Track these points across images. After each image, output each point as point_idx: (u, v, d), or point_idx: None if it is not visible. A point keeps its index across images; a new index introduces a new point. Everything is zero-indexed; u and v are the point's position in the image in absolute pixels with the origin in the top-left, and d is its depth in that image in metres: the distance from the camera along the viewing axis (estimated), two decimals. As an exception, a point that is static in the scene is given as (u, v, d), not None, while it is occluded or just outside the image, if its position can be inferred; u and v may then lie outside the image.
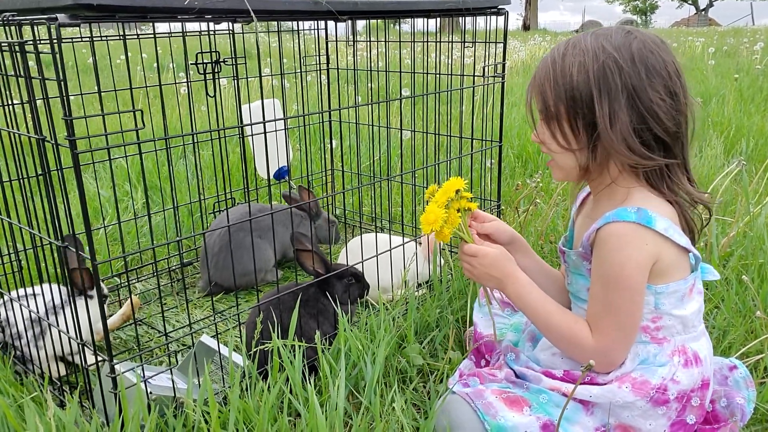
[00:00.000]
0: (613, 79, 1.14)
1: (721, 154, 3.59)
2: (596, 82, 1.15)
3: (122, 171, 3.16)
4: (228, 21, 1.43)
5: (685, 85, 1.20)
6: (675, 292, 1.24)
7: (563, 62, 1.19)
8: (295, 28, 2.63)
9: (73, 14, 1.06)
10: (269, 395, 1.30)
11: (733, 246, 2.23)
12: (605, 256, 1.20)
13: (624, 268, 1.17)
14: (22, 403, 1.32)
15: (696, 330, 1.28)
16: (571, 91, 1.17)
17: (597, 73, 1.15)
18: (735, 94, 5.26)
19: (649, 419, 1.23)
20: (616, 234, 1.18)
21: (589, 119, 1.17)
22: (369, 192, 2.95)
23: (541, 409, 1.27)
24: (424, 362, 1.66)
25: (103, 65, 7.32)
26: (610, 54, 1.15)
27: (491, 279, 1.35)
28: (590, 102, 1.16)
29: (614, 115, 1.15)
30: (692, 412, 1.25)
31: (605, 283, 1.21)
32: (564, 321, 1.28)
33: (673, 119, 1.17)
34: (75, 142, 1.12)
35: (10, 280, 1.76)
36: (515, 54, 9.98)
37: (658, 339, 1.26)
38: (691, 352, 1.26)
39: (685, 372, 1.23)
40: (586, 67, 1.15)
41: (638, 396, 1.21)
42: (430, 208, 1.30)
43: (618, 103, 1.14)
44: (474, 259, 1.35)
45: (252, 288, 2.23)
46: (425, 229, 1.30)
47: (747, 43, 10.30)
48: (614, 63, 1.14)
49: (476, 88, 2.19)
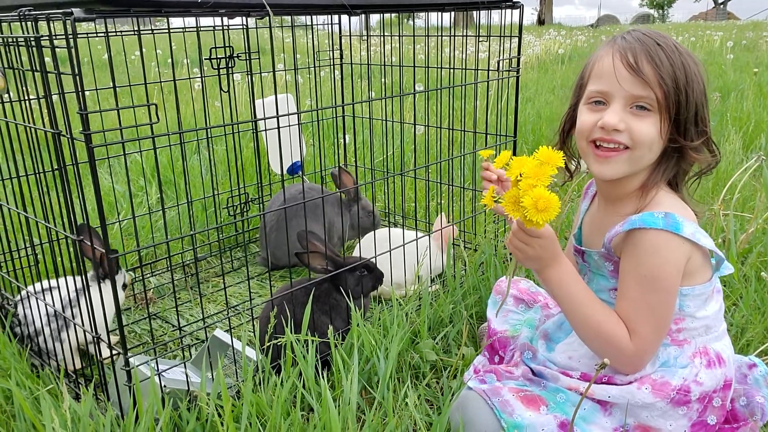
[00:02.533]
0: (697, 82, 1.18)
1: (740, 149, 3.54)
2: (697, 87, 1.18)
3: (137, 166, 3.18)
4: (242, 15, 1.43)
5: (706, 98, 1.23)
6: (700, 295, 1.22)
7: (682, 61, 1.18)
8: (308, 23, 2.63)
9: (88, 9, 1.07)
10: (282, 390, 1.30)
11: (751, 242, 2.19)
12: (643, 260, 1.17)
13: (662, 269, 1.15)
14: (38, 395, 1.33)
15: (717, 330, 1.27)
16: (692, 94, 1.18)
17: (703, 79, 1.20)
18: (754, 89, 5.18)
19: (669, 419, 1.22)
20: (649, 241, 1.16)
21: (689, 117, 1.18)
22: (382, 187, 2.95)
23: (558, 408, 1.26)
24: (437, 358, 1.65)
25: (117, 61, 7.37)
26: (700, 65, 1.20)
27: (539, 261, 1.24)
28: (701, 104, 1.19)
29: (706, 118, 1.21)
30: (713, 412, 1.23)
31: (643, 285, 1.17)
32: (606, 320, 1.21)
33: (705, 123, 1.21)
34: (90, 137, 1.12)
35: (27, 274, 1.77)
36: (530, 49, 9.91)
37: (679, 341, 1.24)
38: (714, 353, 1.24)
39: (708, 373, 1.22)
40: (698, 74, 1.19)
41: (658, 397, 1.20)
42: (536, 191, 1.06)
43: (707, 109, 1.21)
44: (536, 240, 1.22)
45: (303, 267, 2.27)
46: (534, 216, 1.07)
47: (767, 37, 10.14)
48: (702, 75, 1.20)
49: (491, 83, 2.17)
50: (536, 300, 1.66)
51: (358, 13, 1.58)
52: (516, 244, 1.25)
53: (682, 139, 1.19)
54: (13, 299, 1.68)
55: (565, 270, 1.25)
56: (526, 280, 1.73)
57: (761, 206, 2.35)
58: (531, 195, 1.06)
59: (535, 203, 1.06)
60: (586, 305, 1.23)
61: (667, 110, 1.16)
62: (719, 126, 4.07)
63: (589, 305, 1.23)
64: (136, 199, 2.81)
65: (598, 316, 1.21)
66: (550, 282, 1.26)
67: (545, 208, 1.06)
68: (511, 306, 1.68)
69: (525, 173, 1.08)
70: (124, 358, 1.29)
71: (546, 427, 1.23)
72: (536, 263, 1.25)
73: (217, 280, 2.31)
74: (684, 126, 1.18)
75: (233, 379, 1.50)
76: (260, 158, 2.45)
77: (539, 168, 1.08)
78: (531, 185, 1.07)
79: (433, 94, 2.62)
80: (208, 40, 2.10)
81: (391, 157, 3.23)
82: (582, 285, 1.26)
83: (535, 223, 1.08)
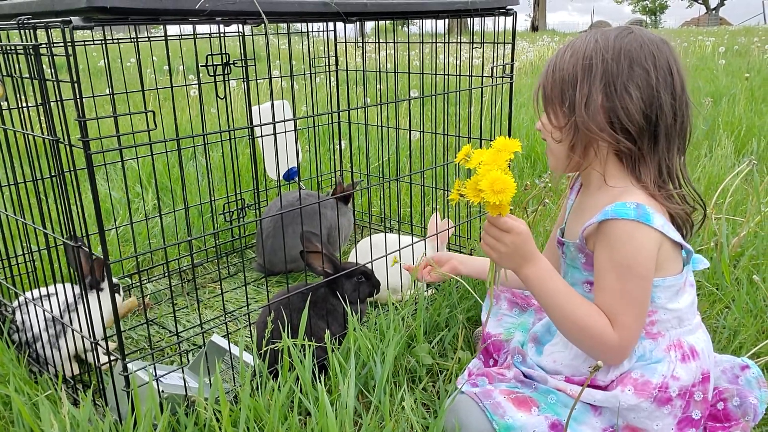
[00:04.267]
0: (596, 66, 1.21)
1: (732, 153, 3.57)
2: (582, 68, 1.22)
3: (133, 173, 3.18)
4: (238, 23, 1.44)
5: (681, 85, 1.22)
6: (671, 287, 1.24)
7: (564, 53, 1.27)
8: (304, 30, 2.65)
9: (86, 17, 1.08)
10: (279, 394, 1.31)
11: (743, 246, 2.22)
12: (616, 249, 1.18)
13: (636, 256, 1.17)
14: (36, 401, 1.34)
15: (691, 323, 1.29)
16: (561, 74, 1.25)
17: (584, 61, 1.22)
18: (746, 94, 5.22)
19: (655, 420, 1.23)
20: (621, 230, 1.18)
21: (572, 100, 1.23)
22: (378, 193, 2.96)
23: (549, 410, 1.27)
24: (433, 362, 1.66)
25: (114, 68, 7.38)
26: (600, 46, 1.22)
27: (514, 259, 1.26)
28: (574, 83, 1.23)
29: (590, 96, 1.21)
30: (696, 407, 1.25)
31: (619, 274, 1.18)
32: (588, 314, 1.21)
33: (644, 115, 1.20)
34: (88, 143, 1.13)
35: (25, 281, 1.78)
36: (524, 55, 9.96)
37: (653, 334, 1.26)
38: (688, 346, 1.26)
39: (683, 367, 1.23)
40: (577, 56, 1.23)
41: (642, 398, 1.21)
42: (492, 174, 1.13)
43: (595, 86, 1.20)
44: (506, 236, 1.24)
45: (301, 272, 2.28)
46: (491, 197, 1.13)
47: (758, 42, 10.23)
48: (600, 53, 1.21)
49: (485, 89, 2.19)
50: (530, 304, 1.67)
51: (353, 21, 1.60)
52: (488, 241, 1.28)
53: (567, 118, 1.24)
54: (11, 305, 1.68)
55: (543, 267, 1.26)
56: (520, 284, 1.74)
57: (753, 210, 2.38)
58: (487, 178, 1.13)
59: (491, 185, 1.13)
60: (567, 301, 1.24)
61: (551, 100, 1.26)
62: (711, 131, 4.11)
63: (569, 301, 1.24)
64: (133, 206, 2.82)
65: (579, 311, 1.22)
66: (529, 281, 1.27)
67: (501, 189, 1.13)
68: (505, 310, 1.69)
69: (483, 161, 1.16)
70: (122, 363, 1.30)
71: (537, 428, 1.24)
72: (511, 261, 1.27)
73: (214, 285, 2.31)
74: (574, 111, 1.23)
75: (231, 384, 1.51)
76: (257, 164, 2.46)
77: (496, 155, 1.16)
78: (488, 170, 1.14)
79: (428, 101, 2.64)
80: (205, 47, 2.12)
81: (386, 163, 3.24)
82: (561, 282, 1.27)
83: (495, 205, 1.15)
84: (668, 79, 1.20)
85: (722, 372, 1.37)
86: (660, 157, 1.23)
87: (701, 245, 2.24)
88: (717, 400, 1.32)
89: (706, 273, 2.07)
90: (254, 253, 2.60)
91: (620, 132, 1.21)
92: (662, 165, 1.24)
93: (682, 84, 1.22)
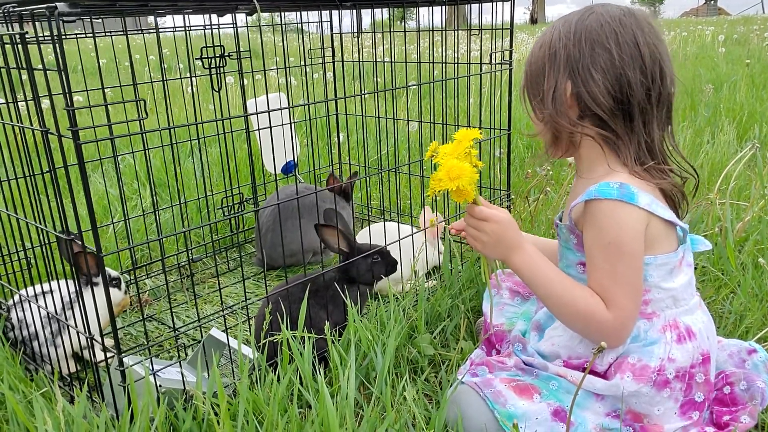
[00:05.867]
0: (559, 54, 1.21)
1: (734, 140, 3.54)
2: (548, 58, 1.23)
3: (130, 170, 3.16)
4: (230, 11, 1.42)
5: (651, 56, 1.18)
6: (664, 265, 1.22)
7: (535, 46, 1.28)
8: (298, 22, 2.62)
9: (72, 2, 1.05)
10: (279, 386, 1.28)
11: (748, 230, 2.19)
12: (602, 229, 1.17)
13: (622, 235, 1.15)
14: (31, 399, 1.32)
15: (687, 303, 1.26)
16: (532, 68, 1.27)
17: (549, 51, 1.23)
18: (747, 80, 5.18)
19: (656, 405, 1.21)
20: (605, 210, 1.17)
21: (543, 94, 1.24)
22: (377, 185, 2.94)
23: (551, 396, 1.26)
24: (435, 352, 1.64)
25: (110, 68, 7.36)
26: (563, 33, 1.22)
27: (499, 248, 1.26)
28: (542, 75, 1.24)
29: (556, 88, 1.21)
30: (699, 389, 1.23)
31: (608, 253, 1.17)
32: (581, 296, 1.20)
33: (612, 97, 1.18)
34: (78, 133, 1.10)
35: (20, 278, 1.76)
36: (523, 47, 9.93)
37: (647, 314, 1.24)
38: (684, 327, 1.23)
39: (679, 348, 1.21)
40: (544, 47, 1.24)
41: (641, 383, 1.20)
42: (447, 162, 1.18)
43: (560, 75, 1.21)
44: (485, 224, 1.26)
45: (300, 266, 2.26)
46: (448, 185, 1.18)
47: (757, 31, 10.18)
48: (563, 40, 1.21)
49: (484, 78, 2.16)
50: (531, 292, 1.65)
51: (348, 6, 1.57)
52: (470, 233, 1.29)
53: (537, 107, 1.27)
54: (6, 303, 1.66)
55: (531, 254, 1.26)
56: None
57: (756, 194, 2.35)
58: (444, 167, 1.19)
59: (448, 173, 1.18)
60: (559, 285, 1.22)
61: (528, 94, 1.30)
62: (713, 117, 4.08)
63: (561, 284, 1.22)
64: (130, 203, 2.80)
65: (572, 293, 1.21)
66: (519, 269, 1.27)
67: (457, 175, 1.17)
68: (507, 299, 1.67)
69: (442, 153, 1.22)
70: (118, 358, 1.27)
71: (540, 415, 1.23)
72: (497, 250, 1.27)
73: (213, 281, 2.29)
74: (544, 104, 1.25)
75: (230, 378, 1.48)
76: (254, 158, 2.43)
77: (457, 145, 1.21)
78: (445, 160, 1.20)
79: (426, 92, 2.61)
80: (199, 42, 2.09)
81: (385, 156, 3.22)
82: (552, 266, 1.26)
83: (456, 192, 1.20)
84: (635, 54, 1.17)
85: (729, 356, 1.35)
86: (638, 135, 1.21)
87: (705, 230, 2.21)
88: (723, 384, 1.30)
89: (711, 258, 2.04)
90: (253, 248, 2.58)
91: (591, 117, 1.20)
92: (641, 142, 1.21)
93: (652, 55, 1.18)
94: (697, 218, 2.26)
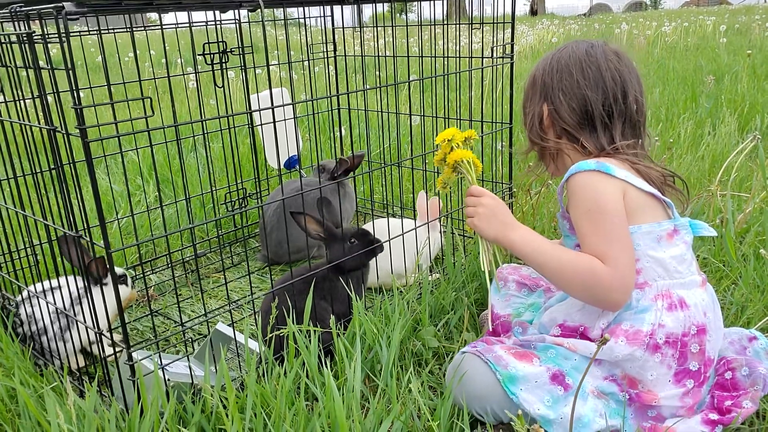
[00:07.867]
0: (538, 82, 1.46)
1: (735, 131, 3.54)
2: (531, 86, 1.48)
3: (134, 165, 3.17)
4: (234, 8, 1.42)
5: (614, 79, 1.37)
6: (650, 233, 1.30)
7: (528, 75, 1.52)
8: (301, 17, 2.62)
9: (79, 2, 1.06)
10: (286, 379, 1.30)
11: (749, 222, 2.20)
12: (582, 197, 1.29)
13: (601, 198, 1.27)
14: (42, 393, 1.33)
15: (683, 277, 1.30)
16: (524, 96, 1.52)
17: (533, 80, 1.48)
18: (748, 71, 5.17)
19: (649, 370, 1.26)
20: (582, 179, 1.30)
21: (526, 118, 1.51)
22: (380, 179, 2.95)
23: (550, 361, 1.33)
24: (439, 344, 1.65)
25: (112, 63, 7.36)
26: (544, 64, 1.46)
27: (494, 222, 1.39)
28: (527, 101, 1.49)
29: (534, 114, 1.46)
30: (693, 358, 1.27)
31: (592, 218, 1.27)
32: (576, 256, 1.29)
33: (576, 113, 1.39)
34: (86, 131, 1.12)
35: (27, 274, 1.77)
36: (523, 39, 9.90)
37: (640, 284, 1.30)
38: (677, 297, 1.28)
39: (669, 315, 1.26)
40: (530, 76, 1.50)
41: (634, 346, 1.26)
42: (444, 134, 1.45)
43: (538, 101, 1.45)
44: (480, 200, 1.42)
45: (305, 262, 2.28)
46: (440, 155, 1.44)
47: (759, 21, 10.14)
48: (542, 70, 1.45)
49: (485, 72, 2.17)
50: (538, 285, 1.67)
51: (350, 2, 1.58)
52: (468, 211, 1.45)
53: None
54: (15, 299, 1.68)
55: (526, 230, 1.39)
56: (526, 267, 1.74)
57: (758, 186, 2.36)
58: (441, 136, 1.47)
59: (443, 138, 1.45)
60: (555, 251, 1.33)
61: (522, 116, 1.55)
62: (714, 108, 4.07)
63: (557, 250, 1.33)
64: (134, 198, 2.81)
65: (568, 255, 1.31)
66: (516, 245, 1.37)
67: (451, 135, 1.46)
68: (513, 291, 1.69)
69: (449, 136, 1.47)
70: (127, 352, 1.29)
71: (539, 378, 1.29)
72: (492, 225, 1.40)
73: (218, 275, 2.31)
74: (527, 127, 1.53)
75: (237, 372, 1.50)
76: (257, 153, 2.45)
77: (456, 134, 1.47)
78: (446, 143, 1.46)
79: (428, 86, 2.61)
80: (202, 38, 2.10)
81: (387, 149, 3.23)
82: (547, 241, 1.37)
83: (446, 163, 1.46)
84: (597, 78, 1.37)
85: (730, 343, 1.39)
86: (603, 143, 1.39)
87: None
88: (725, 370, 1.33)
89: (712, 250, 2.05)
90: (257, 242, 2.59)
91: (567, 134, 1.42)
92: (606, 149, 1.38)
93: (614, 78, 1.37)
94: (698, 210, 2.27)
